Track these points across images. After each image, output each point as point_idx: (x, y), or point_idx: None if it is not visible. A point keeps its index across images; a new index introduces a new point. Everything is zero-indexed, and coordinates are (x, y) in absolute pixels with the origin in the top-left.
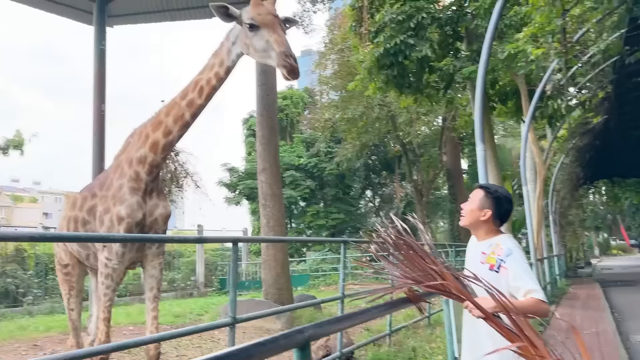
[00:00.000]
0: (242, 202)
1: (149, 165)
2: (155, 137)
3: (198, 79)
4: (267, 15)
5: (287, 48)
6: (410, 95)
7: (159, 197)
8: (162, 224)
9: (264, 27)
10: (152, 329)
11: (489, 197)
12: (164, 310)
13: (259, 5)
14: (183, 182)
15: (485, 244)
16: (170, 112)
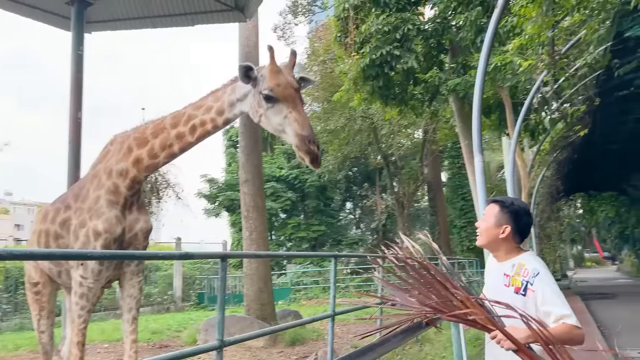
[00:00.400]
0: (222, 214)
1: (130, 180)
2: (139, 154)
3: (192, 114)
4: (287, 89)
5: (309, 132)
6: (395, 107)
7: (140, 211)
8: (143, 239)
9: (283, 102)
10: (130, 354)
11: (505, 211)
12: (140, 327)
13: (277, 73)
14: (163, 194)
15: (507, 265)
16: (158, 136)
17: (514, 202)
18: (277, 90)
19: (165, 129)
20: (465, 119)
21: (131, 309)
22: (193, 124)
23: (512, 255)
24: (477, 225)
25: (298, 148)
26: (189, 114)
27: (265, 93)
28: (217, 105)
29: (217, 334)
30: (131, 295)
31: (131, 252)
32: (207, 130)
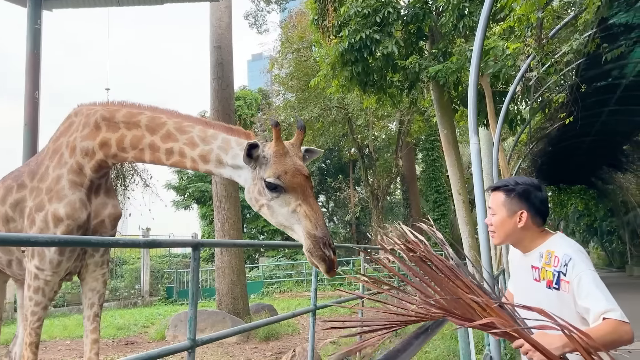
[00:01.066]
0: (192, 206)
1: (97, 163)
2: (107, 138)
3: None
4: (296, 176)
5: (324, 231)
6: (374, 95)
7: (108, 195)
8: (111, 227)
9: (291, 192)
10: (91, 356)
11: (513, 195)
12: (105, 322)
13: (284, 156)
14: (130, 181)
15: (534, 255)
16: (131, 129)
17: (518, 182)
18: (284, 178)
19: (140, 128)
20: (445, 108)
21: (93, 305)
22: (171, 148)
23: (538, 242)
24: (488, 222)
25: (310, 253)
26: (169, 131)
27: (269, 181)
28: (204, 149)
29: (189, 332)
30: (94, 289)
31: (88, 237)
32: (184, 165)
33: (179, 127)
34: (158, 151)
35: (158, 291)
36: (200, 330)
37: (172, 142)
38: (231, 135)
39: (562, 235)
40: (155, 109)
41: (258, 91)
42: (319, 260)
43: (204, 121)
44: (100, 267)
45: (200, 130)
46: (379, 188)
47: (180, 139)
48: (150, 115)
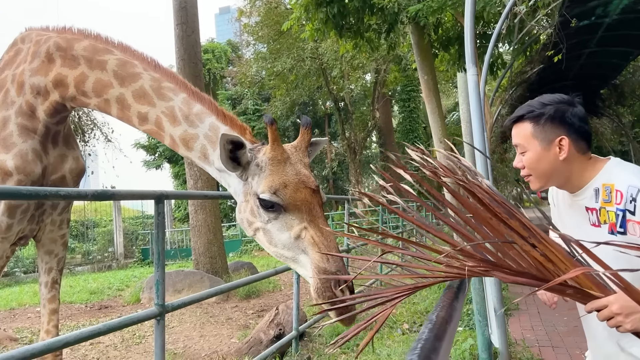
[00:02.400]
0: (163, 166)
1: (52, 106)
2: (64, 75)
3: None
4: (301, 191)
5: (338, 266)
6: (350, 40)
7: (68, 146)
8: (73, 183)
9: (294, 212)
10: (49, 328)
11: (544, 119)
12: (78, 287)
13: (283, 164)
14: (90, 135)
15: (586, 194)
16: (94, 69)
17: (544, 102)
18: (283, 193)
19: (106, 72)
20: (425, 53)
21: (51, 270)
22: (145, 114)
23: (589, 175)
24: (519, 166)
25: (317, 294)
26: (143, 89)
27: (263, 197)
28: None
29: (156, 297)
30: (51, 252)
31: (16, 188)
32: (162, 139)
33: (157, 87)
34: (129, 110)
35: (133, 253)
36: (178, 291)
37: (148, 106)
38: (222, 123)
39: (618, 161)
40: (126, 49)
41: (227, 44)
42: (327, 305)
43: (188, 86)
44: (58, 227)
45: (183, 101)
46: (355, 142)
47: (158, 105)
48: (120, 58)
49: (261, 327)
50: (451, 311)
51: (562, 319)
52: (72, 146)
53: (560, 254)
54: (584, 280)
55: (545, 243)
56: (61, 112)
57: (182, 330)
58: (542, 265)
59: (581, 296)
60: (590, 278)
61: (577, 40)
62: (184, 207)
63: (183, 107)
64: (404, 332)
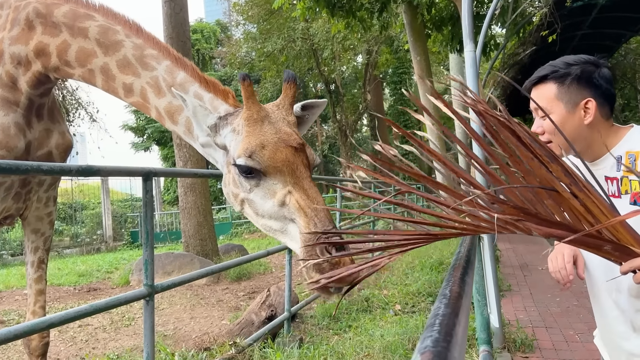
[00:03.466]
0: (152, 148)
1: (34, 76)
2: (45, 42)
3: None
4: (280, 151)
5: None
6: (342, 19)
7: (53, 120)
8: (60, 159)
9: (275, 176)
10: (35, 309)
11: (570, 80)
12: (66, 269)
13: (260, 123)
14: (74, 115)
15: (606, 163)
16: (76, 37)
17: (569, 62)
18: (260, 155)
19: (88, 39)
20: (418, 33)
21: (37, 249)
22: (130, 84)
23: (611, 142)
24: (539, 130)
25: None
26: (126, 58)
27: (239, 163)
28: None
29: (145, 277)
30: (37, 231)
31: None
32: (148, 112)
33: (140, 56)
34: (114, 81)
35: (122, 236)
36: (168, 274)
37: (133, 77)
38: (206, 91)
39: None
40: (108, 13)
41: (216, 24)
42: (314, 273)
43: (171, 52)
44: (44, 204)
45: (167, 69)
46: (346, 124)
47: (143, 75)
48: (102, 24)
49: (253, 309)
50: (463, 285)
51: (555, 300)
52: (57, 120)
53: (602, 205)
54: (625, 234)
55: (587, 192)
56: (45, 84)
57: (172, 312)
58: (582, 216)
59: (619, 253)
60: (631, 233)
61: (570, 22)
62: (173, 190)
63: (167, 76)
64: (397, 313)
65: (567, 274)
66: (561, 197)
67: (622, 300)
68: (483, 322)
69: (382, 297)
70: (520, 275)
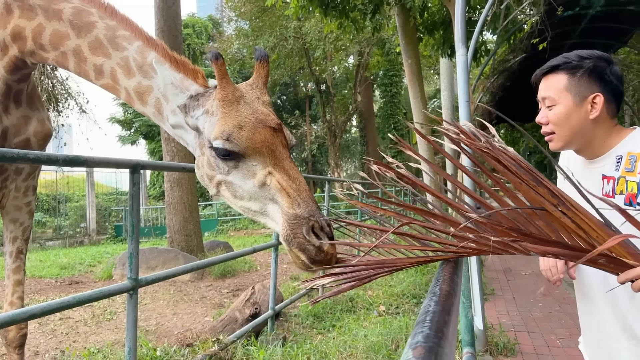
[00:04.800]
0: (139, 142)
1: (11, 61)
2: (21, 27)
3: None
4: (259, 131)
5: (310, 209)
6: (335, 19)
7: (32, 107)
8: (38, 147)
9: (254, 157)
10: (13, 300)
11: (582, 73)
12: (48, 261)
13: (235, 103)
14: (64, 106)
15: (606, 161)
16: (50, 20)
17: (582, 56)
18: (238, 136)
19: (62, 21)
20: (410, 36)
21: (16, 239)
22: (101, 66)
23: (613, 141)
24: (543, 121)
25: (287, 242)
26: (98, 38)
27: (217, 145)
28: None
29: (129, 270)
30: (16, 220)
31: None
32: (118, 94)
33: (111, 36)
34: (85, 63)
35: (106, 229)
36: (151, 269)
37: (103, 58)
38: (176, 71)
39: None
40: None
41: (208, 19)
42: (298, 251)
43: (143, 33)
44: (23, 194)
45: (138, 49)
46: (336, 125)
47: (113, 55)
48: (76, 6)
49: (237, 306)
50: (453, 285)
51: (537, 305)
52: (36, 107)
53: (591, 221)
54: (618, 248)
55: (576, 210)
56: (22, 69)
57: (155, 307)
58: (574, 232)
59: (614, 265)
60: (624, 246)
61: (560, 31)
62: (159, 185)
63: (137, 56)
64: (381, 313)
65: (558, 272)
66: (552, 217)
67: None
68: (467, 324)
69: (366, 297)
70: (504, 280)
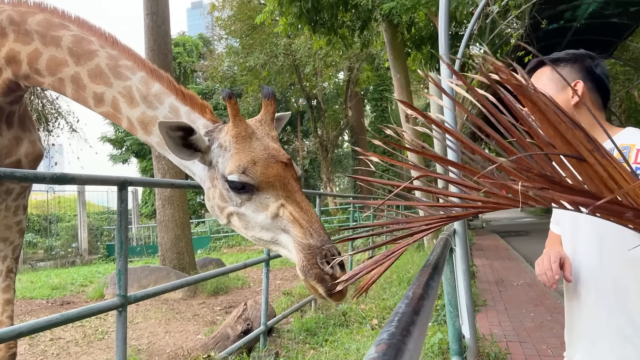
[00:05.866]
0: (131, 160)
1: (4, 84)
2: (16, 50)
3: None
4: (272, 166)
5: (323, 239)
6: (324, 36)
7: (23, 128)
8: (29, 168)
9: (267, 190)
10: (2, 319)
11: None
12: (39, 282)
13: (249, 140)
14: (54, 125)
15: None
16: (47, 46)
17: (567, 51)
18: (253, 171)
19: (60, 48)
20: (398, 51)
21: (6, 258)
22: (102, 94)
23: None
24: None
25: (304, 272)
26: (99, 67)
27: (232, 179)
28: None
29: (118, 288)
30: (6, 239)
31: None
32: (119, 122)
33: (114, 66)
34: (84, 91)
35: (98, 249)
36: (143, 287)
37: (104, 86)
38: (182, 103)
39: (636, 130)
40: (83, 24)
41: (198, 37)
42: (317, 282)
43: (146, 64)
44: (13, 213)
45: (142, 80)
46: (327, 140)
47: (115, 85)
48: (76, 34)
49: (229, 323)
50: (427, 289)
51: (529, 315)
52: (28, 128)
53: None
54: None
55: (609, 158)
56: (15, 91)
57: (147, 326)
58: (603, 183)
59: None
60: None
61: (545, 44)
62: (151, 203)
63: (141, 87)
64: (373, 327)
65: (553, 274)
66: (581, 166)
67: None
68: (455, 334)
69: (359, 311)
70: (496, 291)
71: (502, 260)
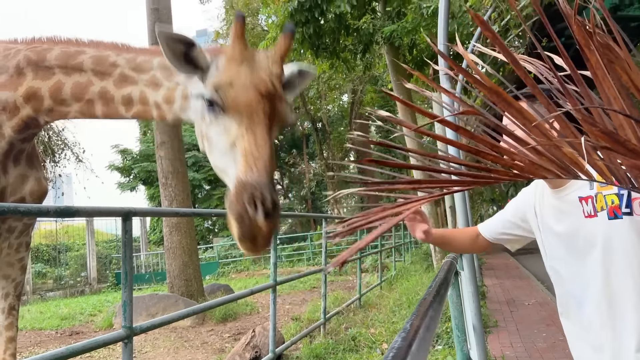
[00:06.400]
0: (138, 188)
1: (22, 121)
2: (37, 87)
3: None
4: (246, 93)
5: (260, 178)
6: (327, 60)
7: (30, 165)
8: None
9: (233, 115)
10: (5, 357)
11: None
12: (48, 312)
13: (238, 64)
14: (60, 156)
15: (579, 183)
16: (71, 75)
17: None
18: (225, 92)
19: (84, 72)
20: (401, 73)
21: (8, 296)
22: (129, 95)
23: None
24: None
25: (228, 207)
26: (123, 73)
27: (205, 94)
28: (168, 86)
29: (123, 319)
30: (8, 277)
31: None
32: (150, 115)
33: (135, 64)
34: (113, 101)
35: (107, 278)
36: (152, 316)
37: (130, 86)
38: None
39: None
40: (98, 44)
41: None
42: (233, 219)
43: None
44: (16, 250)
45: (160, 62)
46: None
47: (140, 80)
48: (95, 55)
49: (237, 350)
50: (427, 319)
51: (541, 335)
52: (34, 166)
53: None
54: None
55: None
56: (31, 128)
57: (156, 355)
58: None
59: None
60: None
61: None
62: (159, 230)
63: (162, 70)
64: (383, 352)
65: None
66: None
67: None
68: (463, 358)
69: (369, 335)
70: (507, 311)
71: (512, 279)
